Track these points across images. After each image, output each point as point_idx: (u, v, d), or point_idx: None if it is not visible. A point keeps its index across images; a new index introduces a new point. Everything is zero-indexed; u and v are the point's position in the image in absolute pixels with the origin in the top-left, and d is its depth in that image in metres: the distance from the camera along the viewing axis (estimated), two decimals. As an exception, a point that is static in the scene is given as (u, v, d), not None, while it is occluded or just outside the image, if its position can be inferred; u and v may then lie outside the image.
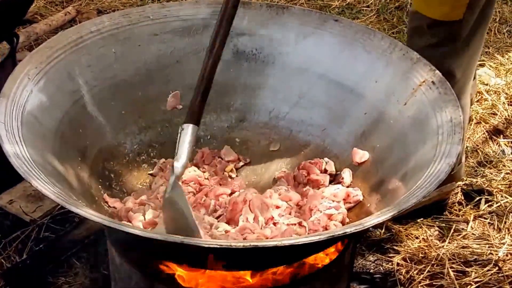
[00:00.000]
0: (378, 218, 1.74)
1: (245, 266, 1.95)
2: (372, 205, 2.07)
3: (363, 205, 2.12)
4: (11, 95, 1.98)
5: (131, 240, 1.99)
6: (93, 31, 2.27)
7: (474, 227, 3.04)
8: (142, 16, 2.36)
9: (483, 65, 4.04)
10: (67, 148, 2.08)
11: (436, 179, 1.81)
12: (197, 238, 1.89)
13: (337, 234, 1.71)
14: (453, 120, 1.98)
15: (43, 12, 4.51)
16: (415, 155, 1.99)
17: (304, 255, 1.97)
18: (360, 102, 2.25)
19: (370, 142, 2.20)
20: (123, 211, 2.10)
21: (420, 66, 2.18)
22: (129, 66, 2.32)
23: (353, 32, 2.32)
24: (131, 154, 2.31)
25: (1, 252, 2.81)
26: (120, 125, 2.29)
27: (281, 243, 1.66)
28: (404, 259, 2.88)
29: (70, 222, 2.92)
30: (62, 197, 1.74)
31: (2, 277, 2.69)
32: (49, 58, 2.15)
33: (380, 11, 4.62)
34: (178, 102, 2.38)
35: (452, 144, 1.91)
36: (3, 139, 1.83)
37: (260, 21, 2.40)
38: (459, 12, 2.63)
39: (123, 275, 2.10)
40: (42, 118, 2.03)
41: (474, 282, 2.78)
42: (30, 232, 2.88)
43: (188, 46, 2.39)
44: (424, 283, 2.78)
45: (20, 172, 1.75)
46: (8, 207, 2.91)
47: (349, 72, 2.29)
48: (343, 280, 2.21)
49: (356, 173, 2.20)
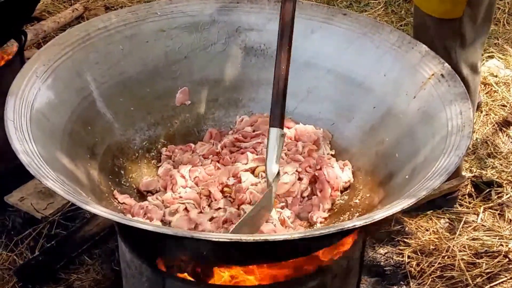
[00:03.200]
0: (388, 211, 1.74)
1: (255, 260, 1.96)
2: (381, 198, 2.07)
3: (372, 199, 2.11)
4: (19, 93, 1.99)
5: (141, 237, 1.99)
6: (100, 28, 2.27)
7: (484, 219, 3.04)
8: (150, 13, 2.36)
9: (492, 57, 4.02)
10: (76, 145, 2.09)
11: (445, 171, 1.80)
12: (206, 233, 1.90)
13: (346, 227, 1.71)
14: (463, 113, 1.97)
15: (51, 10, 4.52)
16: (425, 148, 1.99)
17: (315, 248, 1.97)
18: (368, 96, 2.25)
19: (378, 136, 2.19)
20: (136, 207, 2.10)
21: (428, 59, 2.17)
22: (137, 63, 2.32)
23: (361, 26, 2.32)
24: (140, 150, 2.31)
25: (13, 249, 2.83)
26: (129, 121, 2.29)
27: (291, 236, 1.67)
28: (414, 251, 2.88)
29: (81, 218, 2.93)
30: (71, 194, 1.75)
31: (14, 273, 2.71)
32: (57, 55, 2.15)
33: (388, 4, 4.61)
34: (187, 98, 2.39)
35: (462, 136, 1.90)
36: (12, 137, 1.83)
37: (268, 16, 2.40)
38: (458, 10, 2.63)
39: (134, 271, 2.10)
40: (51, 116, 2.03)
41: (485, 273, 2.78)
42: (42, 229, 2.90)
43: (195, 41, 2.39)
44: (435, 275, 2.78)
45: (30, 169, 1.75)
46: (19, 204, 2.92)
47: (357, 66, 2.29)
48: (354, 273, 2.21)
49: (365, 168, 2.20)
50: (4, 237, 2.89)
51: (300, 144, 2.26)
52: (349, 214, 2.11)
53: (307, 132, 2.29)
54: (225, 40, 2.41)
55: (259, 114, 2.38)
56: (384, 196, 2.04)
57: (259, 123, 2.35)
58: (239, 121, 2.38)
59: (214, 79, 2.41)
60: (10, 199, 2.94)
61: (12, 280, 2.70)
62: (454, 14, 2.64)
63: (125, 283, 2.23)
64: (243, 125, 2.36)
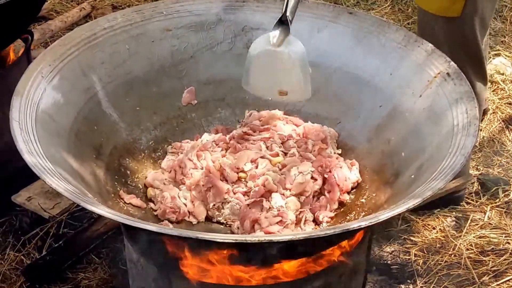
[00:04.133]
0: (393, 211, 1.74)
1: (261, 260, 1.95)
2: (387, 197, 2.06)
3: (378, 198, 2.11)
4: (25, 93, 1.99)
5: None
6: (106, 27, 2.28)
7: (491, 217, 3.03)
8: (155, 12, 2.36)
9: (499, 55, 4.01)
10: (82, 145, 2.09)
11: (452, 170, 1.80)
12: (211, 234, 1.89)
13: (352, 228, 1.71)
14: (469, 112, 1.97)
15: (58, 9, 4.53)
16: (431, 147, 1.98)
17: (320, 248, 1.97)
18: (375, 94, 2.25)
19: (385, 134, 2.19)
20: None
21: (435, 57, 2.17)
22: (143, 62, 2.33)
23: (367, 25, 2.32)
24: (147, 150, 2.31)
25: (21, 249, 2.84)
26: (135, 121, 2.30)
27: (296, 237, 1.67)
28: (421, 250, 2.88)
29: (88, 218, 2.93)
30: (76, 194, 1.75)
31: (22, 273, 2.72)
32: (63, 55, 2.15)
33: (395, 2, 4.60)
34: (193, 98, 2.39)
35: (468, 135, 1.90)
36: (18, 137, 1.84)
37: (274, 15, 2.39)
38: (457, 8, 2.62)
39: (140, 270, 2.10)
40: (57, 116, 2.04)
41: (491, 271, 2.78)
42: (49, 228, 2.90)
43: (202, 41, 2.39)
44: (441, 274, 2.78)
45: (35, 170, 1.76)
46: (27, 204, 2.92)
47: (364, 65, 2.29)
48: (360, 272, 2.21)
49: (371, 167, 2.20)
50: (12, 237, 2.89)
51: (310, 142, 2.26)
52: (355, 214, 2.11)
53: (315, 130, 2.29)
54: (231, 39, 2.41)
55: (267, 111, 2.38)
56: (390, 195, 2.04)
57: (268, 118, 2.35)
58: (247, 115, 2.38)
59: (220, 78, 2.42)
60: (18, 198, 2.95)
61: (20, 280, 2.71)
62: (452, 12, 2.63)
63: (131, 282, 2.23)
64: (251, 119, 2.36)
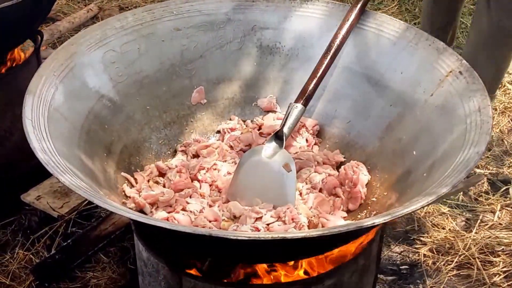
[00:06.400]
0: (407, 209, 1.73)
1: (272, 258, 1.95)
2: (398, 196, 2.06)
3: (389, 197, 2.10)
4: (37, 92, 1.99)
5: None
6: (117, 27, 2.28)
7: (501, 217, 3.03)
8: (166, 12, 2.37)
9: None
10: (93, 144, 2.09)
11: (465, 168, 1.79)
12: (223, 231, 1.89)
13: (365, 225, 1.70)
14: (481, 110, 1.96)
15: (66, 10, 4.54)
16: (443, 145, 1.97)
17: (333, 246, 1.96)
18: (385, 93, 2.24)
19: (396, 134, 2.18)
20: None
21: (446, 56, 2.16)
22: (153, 62, 2.33)
23: (377, 24, 2.31)
24: (156, 149, 2.31)
25: (30, 247, 2.84)
26: (145, 120, 2.30)
27: (309, 234, 1.66)
28: (430, 250, 2.87)
29: (97, 217, 2.94)
30: (89, 191, 1.75)
31: (31, 272, 2.72)
32: (74, 55, 2.16)
33: (402, 2, 4.60)
34: (203, 97, 2.39)
35: (481, 133, 1.89)
36: (31, 136, 1.84)
37: (283, 14, 2.40)
38: None
39: (150, 269, 2.10)
40: (68, 114, 2.04)
41: (502, 272, 2.77)
42: (58, 227, 2.91)
43: (211, 40, 2.39)
44: (451, 274, 2.77)
45: (48, 168, 1.76)
46: (36, 203, 2.93)
47: (374, 64, 2.28)
48: (371, 271, 2.21)
49: (382, 165, 2.19)
50: (21, 236, 2.90)
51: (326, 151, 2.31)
52: (367, 212, 2.10)
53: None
54: (241, 39, 2.42)
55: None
56: (401, 194, 2.03)
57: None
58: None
59: (230, 77, 2.42)
60: (27, 198, 2.95)
61: (29, 279, 2.72)
62: None
63: (141, 281, 2.23)
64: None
